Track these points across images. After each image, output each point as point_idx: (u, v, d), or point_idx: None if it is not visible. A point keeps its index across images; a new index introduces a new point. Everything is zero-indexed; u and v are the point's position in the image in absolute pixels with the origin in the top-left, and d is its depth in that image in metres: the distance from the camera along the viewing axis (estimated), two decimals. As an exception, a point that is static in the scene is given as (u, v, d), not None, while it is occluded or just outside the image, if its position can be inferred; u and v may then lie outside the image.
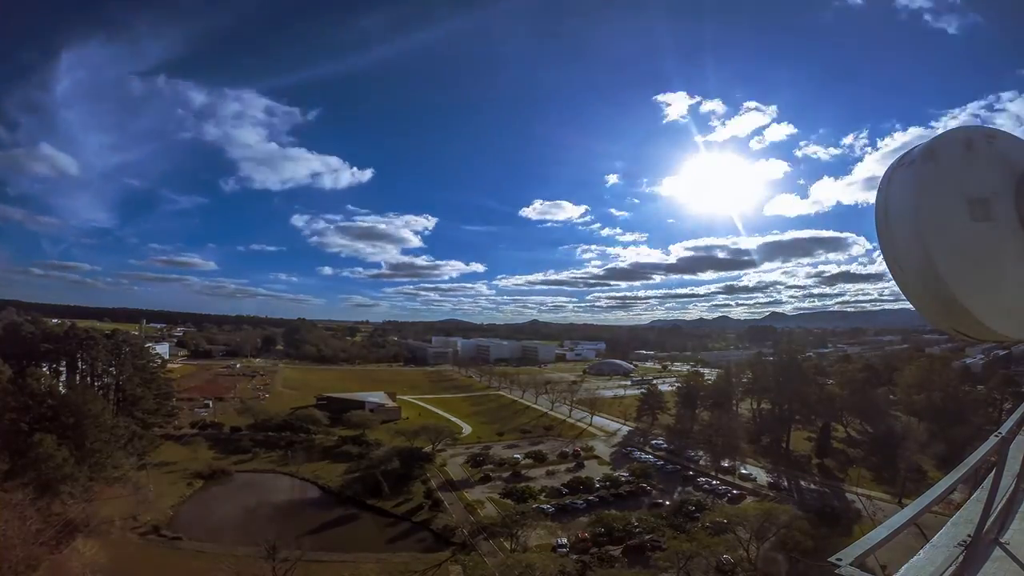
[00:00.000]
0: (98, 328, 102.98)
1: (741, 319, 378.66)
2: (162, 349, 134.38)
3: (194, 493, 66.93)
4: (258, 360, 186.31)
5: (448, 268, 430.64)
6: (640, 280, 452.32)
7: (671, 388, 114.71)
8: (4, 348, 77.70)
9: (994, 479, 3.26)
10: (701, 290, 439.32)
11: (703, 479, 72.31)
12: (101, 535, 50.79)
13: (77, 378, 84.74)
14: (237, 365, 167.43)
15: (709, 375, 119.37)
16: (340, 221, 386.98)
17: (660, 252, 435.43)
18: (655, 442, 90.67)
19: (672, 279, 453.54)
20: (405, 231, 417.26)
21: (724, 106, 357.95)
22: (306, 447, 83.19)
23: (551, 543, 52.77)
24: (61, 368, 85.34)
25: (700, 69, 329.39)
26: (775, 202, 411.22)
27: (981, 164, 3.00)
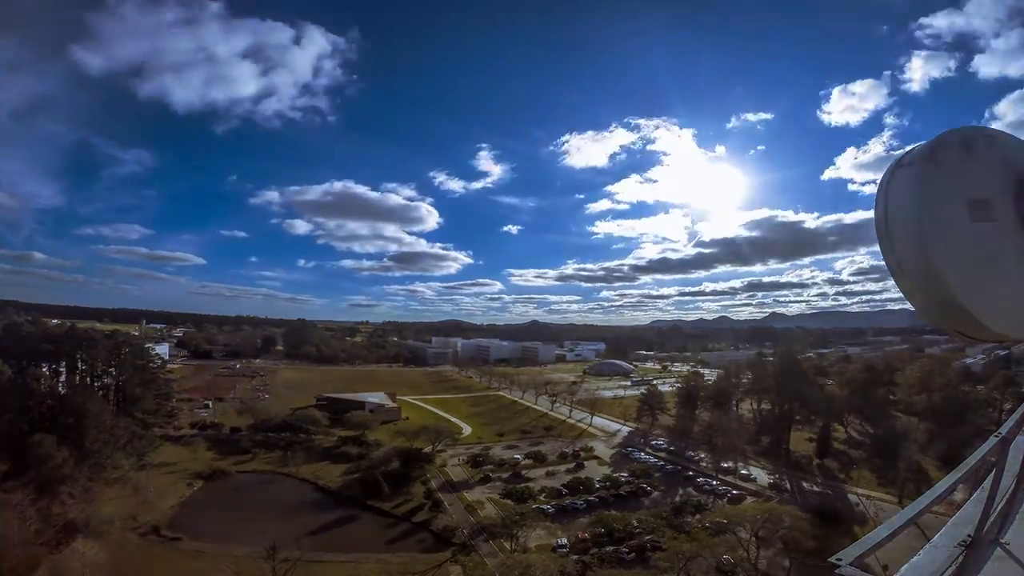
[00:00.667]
0: (98, 328, 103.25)
1: (741, 319, 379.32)
2: (162, 349, 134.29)
3: (194, 493, 66.84)
4: (258, 360, 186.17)
5: (453, 260, 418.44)
6: (663, 273, 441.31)
7: (671, 388, 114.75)
8: (4, 348, 77.71)
9: (994, 479, 3.27)
10: (722, 286, 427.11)
11: (703, 479, 72.29)
12: (101, 535, 50.78)
13: (77, 378, 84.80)
14: (237, 365, 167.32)
15: (709, 375, 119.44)
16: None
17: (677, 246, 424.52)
18: (655, 442, 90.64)
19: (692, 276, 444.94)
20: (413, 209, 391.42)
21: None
22: (306, 447, 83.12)
23: (551, 543, 52.79)
24: (61, 368, 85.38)
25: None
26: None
27: (981, 165, 3.00)
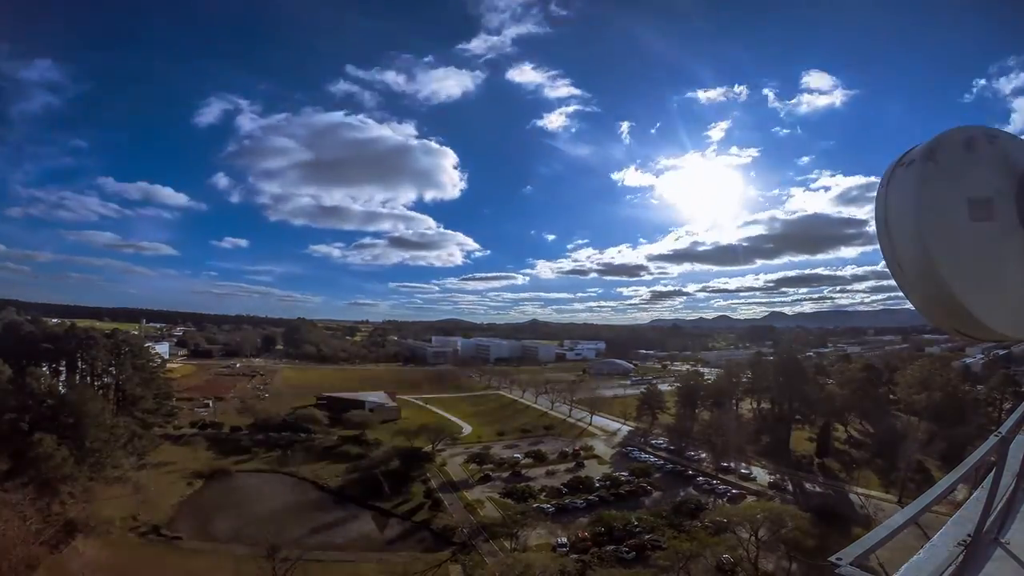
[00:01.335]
0: (98, 328, 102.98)
1: (741, 319, 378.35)
2: (162, 349, 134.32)
3: (194, 493, 66.90)
4: (258, 360, 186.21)
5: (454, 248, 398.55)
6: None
7: (671, 388, 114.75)
8: (4, 348, 77.69)
9: (994, 479, 3.26)
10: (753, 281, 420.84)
11: (703, 479, 72.34)
12: (101, 535, 50.84)
13: (77, 378, 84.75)
14: (237, 365, 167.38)
15: (709, 375, 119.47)
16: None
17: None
18: (655, 442, 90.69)
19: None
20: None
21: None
22: (306, 447, 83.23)
23: (551, 543, 52.85)
24: (61, 368, 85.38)
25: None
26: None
27: (981, 164, 3.00)
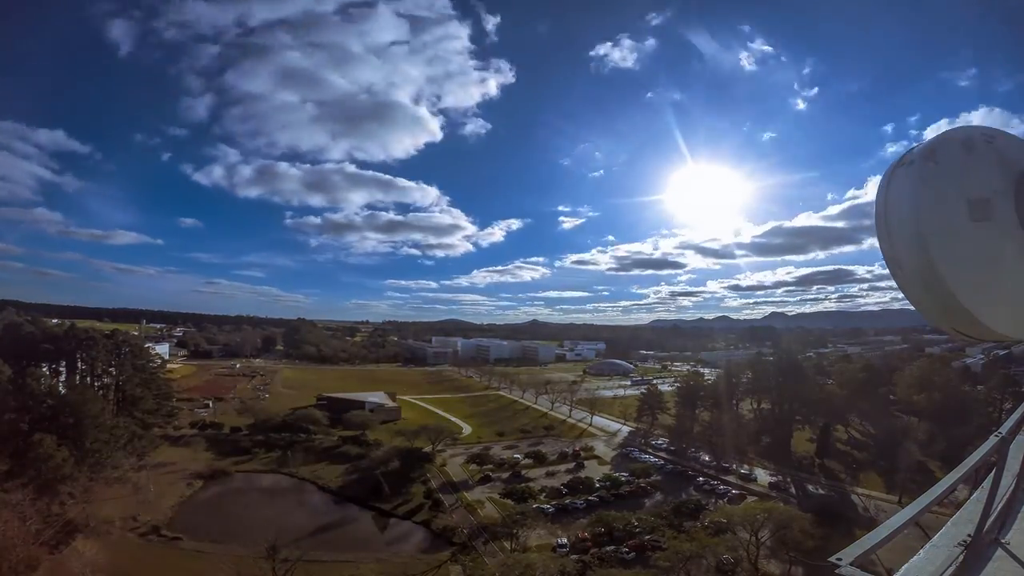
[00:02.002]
0: (98, 328, 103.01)
1: (741, 319, 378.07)
2: (162, 349, 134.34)
3: (194, 493, 66.85)
4: (258, 360, 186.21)
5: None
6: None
7: (671, 388, 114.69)
8: (4, 348, 77.68)
9: (994, 479, 3.26)
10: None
11: (703, 479, 72.32)
12: (101, 535, 50.82)
13: (77, 378, 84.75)
14: (237, 365, 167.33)
15: (709, 375, 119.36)
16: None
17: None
18: (655, 442, 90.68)
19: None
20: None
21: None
22: (306, 447, 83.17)
23: (551, 543, 52.83)
24: (61, 368, 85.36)
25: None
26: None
27: (981, 164, 3.01)
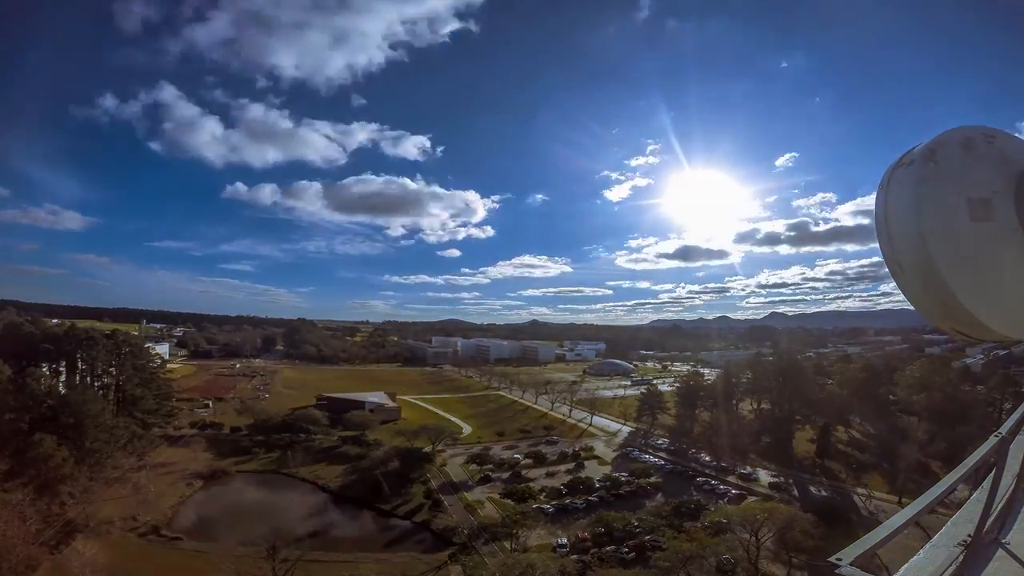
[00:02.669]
0: (98, 328, 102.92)
1: (741, 319, 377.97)
2: (162, 349, 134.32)
3: (194, 493, 66.92)
4: (258, 360, 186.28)
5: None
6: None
7: (671, 388, 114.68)
8: (4, 348, 77.64)
9: (994, 479, 3.26)
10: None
11: (703, 479, 72.31)
12: (101, 535, 50.84)
13: (77, 378, 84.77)
14: (237, 365, 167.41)
15: (709, 375, 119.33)
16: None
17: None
18: (655, 442, 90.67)
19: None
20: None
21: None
22: (306, 447, 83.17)
23: (551, 543, 52.81)
24: (61, 368, 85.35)
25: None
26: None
27: (981, 164, 3.00)
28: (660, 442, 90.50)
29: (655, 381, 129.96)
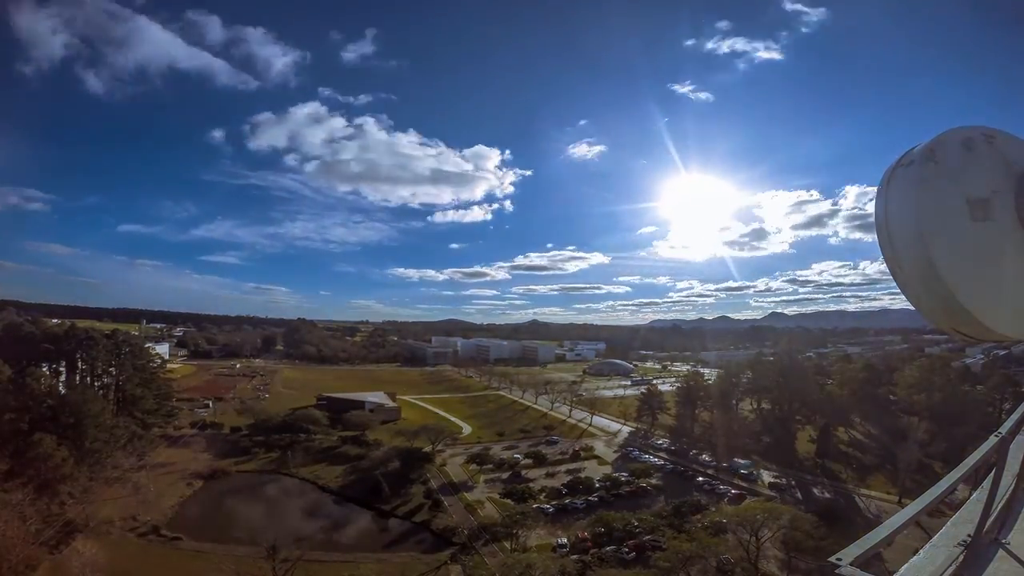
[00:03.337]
0: (98, 328, 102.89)
1: (741, 319, 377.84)
2: (162, 349, 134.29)
3: (194, 493, 66.86)
4: (258, 360, 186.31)
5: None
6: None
7: (671, 388, 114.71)
8: (4, 348, 77.66)
9: (994, 479, 3.26)
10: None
11: (703, 479, 72.31)
12: (101, 535, 50.83)
13: (77, 378, 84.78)
14: (237, 365, 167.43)
15: (709, 375, 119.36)
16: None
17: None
18: (656, 442, 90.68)
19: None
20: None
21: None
22: (306, 447, 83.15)
23: (551, 543, 52.82)
24: (61, 368, 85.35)
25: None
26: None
27: (981, 164, 3.00)
28: (660, 442, 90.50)
29: (655, 381, 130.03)
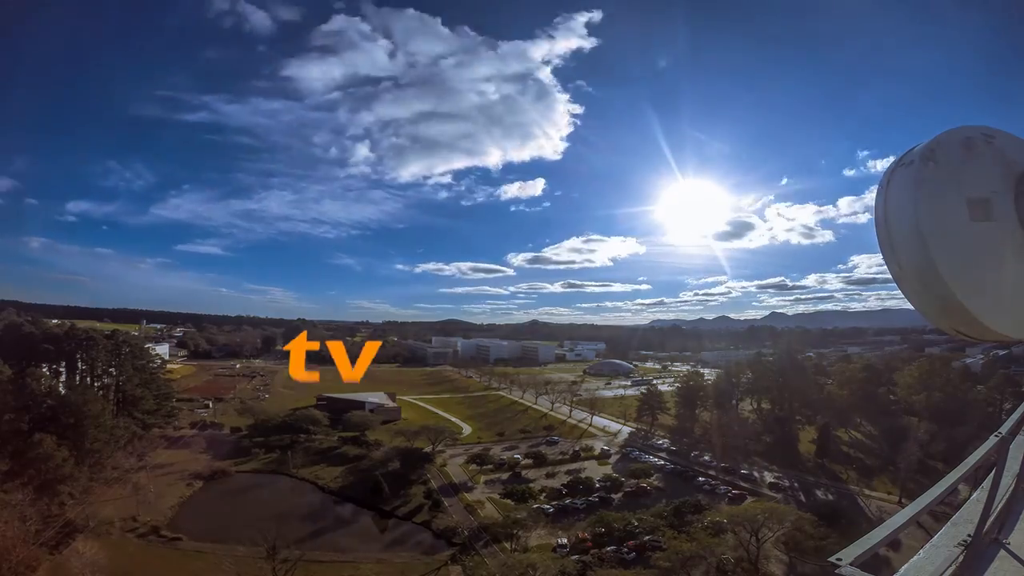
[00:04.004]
0: (98, 328, 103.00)
1: (741, 319, 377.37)
2: (162, 349, 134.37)
3: (194, 494, 66.88)
4: (258, 360, 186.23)
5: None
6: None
7: (671, 388, 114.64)
8: (4, 348, 77.68)
9: (994, 479, 3.26)
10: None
11: (703, 479, 72.30)
12: (101, 535, 50.83)
13: (77, 378, 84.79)
14: (237, 365, 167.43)
15: (709, 375, 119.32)
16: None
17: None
18: (656, 442, 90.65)
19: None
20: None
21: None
22: (306, 448, 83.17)
23: (551, 544, 52.81)
24: (61, 368, 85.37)
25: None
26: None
27: (980, 164, 3.00)
28: (660, 442, 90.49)
29: (655, 381, 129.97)
